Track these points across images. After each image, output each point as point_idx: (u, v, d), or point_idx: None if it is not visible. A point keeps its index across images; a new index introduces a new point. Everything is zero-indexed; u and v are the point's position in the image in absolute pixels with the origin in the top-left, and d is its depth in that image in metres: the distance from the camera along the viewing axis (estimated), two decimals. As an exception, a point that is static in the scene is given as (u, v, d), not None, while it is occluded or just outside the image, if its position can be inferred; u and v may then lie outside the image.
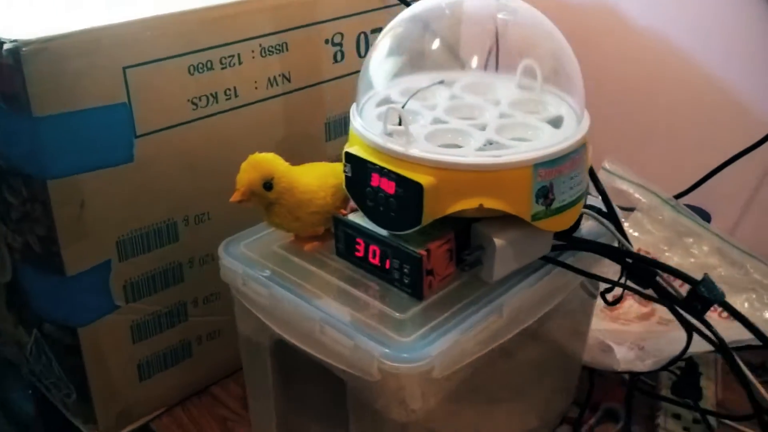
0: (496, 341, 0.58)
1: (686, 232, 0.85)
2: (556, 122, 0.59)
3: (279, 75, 0.74)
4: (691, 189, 0.88)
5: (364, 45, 0.81)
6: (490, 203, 0.54)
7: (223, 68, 0.70)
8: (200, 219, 0.74)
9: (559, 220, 0.57)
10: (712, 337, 0.62)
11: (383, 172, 0.55)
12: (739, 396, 0.80)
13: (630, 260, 0.63)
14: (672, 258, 0.85)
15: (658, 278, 0.63)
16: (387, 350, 0.52)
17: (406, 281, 0.56)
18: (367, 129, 0.57)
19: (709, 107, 0.88)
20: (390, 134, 0.56)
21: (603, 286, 0.70)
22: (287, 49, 0.74)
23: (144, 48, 0.64)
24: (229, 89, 0.71)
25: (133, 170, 0.67)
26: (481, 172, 0.53)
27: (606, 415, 0.78)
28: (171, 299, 0.75)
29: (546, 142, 0.55)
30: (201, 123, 0.70)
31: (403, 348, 0.53)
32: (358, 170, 0.56)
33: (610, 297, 0.73)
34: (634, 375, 0.80)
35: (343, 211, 0.60)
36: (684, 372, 0.78)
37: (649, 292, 0.62)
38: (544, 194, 0.55)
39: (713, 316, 0.83)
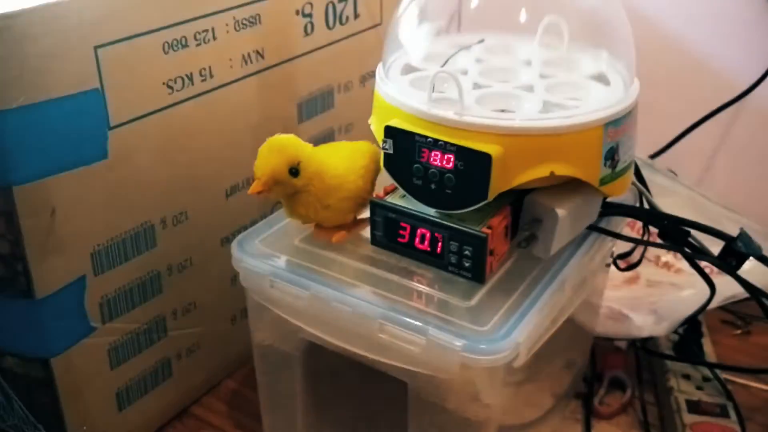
0: (562, 319, 0.53)
1: (663, 192, 0.83)
2: (600, 80, 0.54)
3: (253, 51, 0.66)
4: (662, 151, 0.87)
5: (332, 16, 0.73)
6: (562, 169, 0.48)
7: (198, 45, 0.60)
8: (178, 219, 0.64)
9: (621, 184, 0.52)
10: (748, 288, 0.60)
11: (438, 144, 0.48)
12: (725, 350, 0.79)
13: (664, 221, 0.60)
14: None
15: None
16: (469, 343, 0.46)
17: (466, 264, 0.50)
18: (408, 97, 0.50)
19: (676, 71, 0.87)
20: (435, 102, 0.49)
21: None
22: (260, 22, 0.65)
23: (116, 23, 0.54)
24: (204, 69, 0.62)
25: (107, 168, 0.57)
26: (552, 136, 0.48)
27: (611, 385, 0.75)
28: (149, 314, 0.65)
29: (606, 101, 0.50)
30: (176, 109, 0.61)
31: (485, 338, 0.47)
32: (403, 145, 0.49)
33: (622, 263, 0.70)
34: (636, 341, 0.77)
35: (380, 194, 0.53)
36: (687, 331, 0.75)
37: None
38: (611, 156, 0.50)
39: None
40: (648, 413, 0.72)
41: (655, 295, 0.76)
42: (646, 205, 0.63)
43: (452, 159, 0.48)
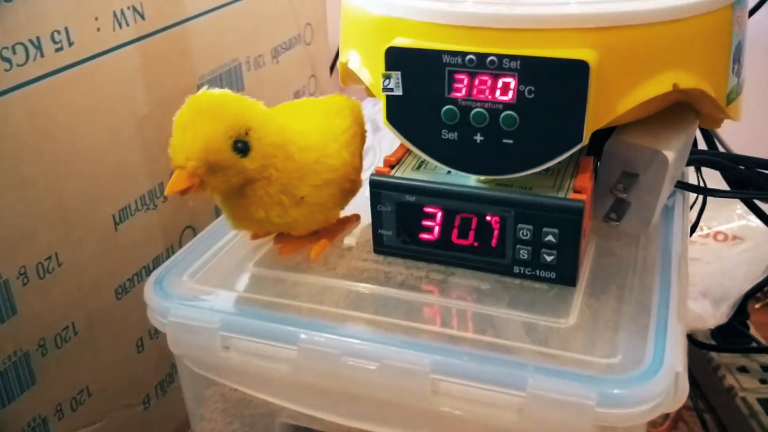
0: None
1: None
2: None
3: (128, 8, 0.42)
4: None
5: (229, -38, 0.51)
6: (686, 80, 0.28)
7: (42, -8, 0.37)
8: (46, 268, 0.39)
9: (739, 105, 0.33)
10: None
11: (486, 63, 0.27)
12: (757, 329, 0.62)
13: (744, 167, 0.41)
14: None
15: None
16: (606, 390, 0.25)
17: (548, 259, 0.29)
18: None
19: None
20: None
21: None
22: (132, -36, 0.42)
23: None
24: (59, 32, 0.38)
25: None
26: (672, 24, 0.27)
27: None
28: (22, 418, 0.40)
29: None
30: (21, 95, 0.36)
31: (627, 377, 0.25)
32: (420, 77, 0.28)
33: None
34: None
35: (381, 169, 0.31)
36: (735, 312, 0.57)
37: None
38: (738, 57, 0.30)
39: (709, 241, 0.65)
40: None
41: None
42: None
43: (513, 84, 0.27)
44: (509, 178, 0.29)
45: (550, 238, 0.28)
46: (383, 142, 0.43)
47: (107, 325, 0.44)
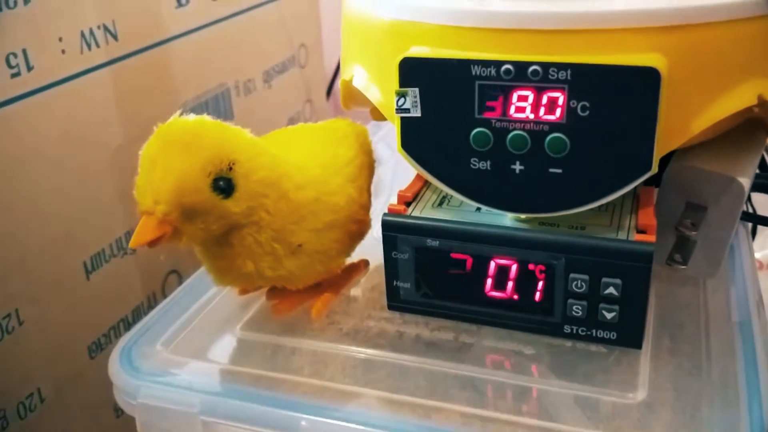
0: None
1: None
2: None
3: (98, 27, 0.36)
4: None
5: (214, -22, 0.45)
6: (773, 90, 0.22)
7: (-8, 9, 0.31)
8: (4, 327, 0.33)
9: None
10: None
11: (528, 74, 0.21)
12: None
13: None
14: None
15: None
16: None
17: (608, 316, 0.23)
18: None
19: None
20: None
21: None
22: (103, -21, 0.36)
23: None
24: (15, 55, 0.32)
25: None
26: (759, 21, 0.21)
27: None
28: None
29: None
30: (-32, 128, 0.30)
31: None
32: (443, 95, 0.22)
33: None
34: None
35: (395, 208, 0.25)
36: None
37: None
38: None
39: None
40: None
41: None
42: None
43: (562, 99, 0.21)
44: (556, 216, 0.23)
45: (611, 290, 0.22)
46: (385, 177, 0.37)
47: (79, 389, 0.37)
